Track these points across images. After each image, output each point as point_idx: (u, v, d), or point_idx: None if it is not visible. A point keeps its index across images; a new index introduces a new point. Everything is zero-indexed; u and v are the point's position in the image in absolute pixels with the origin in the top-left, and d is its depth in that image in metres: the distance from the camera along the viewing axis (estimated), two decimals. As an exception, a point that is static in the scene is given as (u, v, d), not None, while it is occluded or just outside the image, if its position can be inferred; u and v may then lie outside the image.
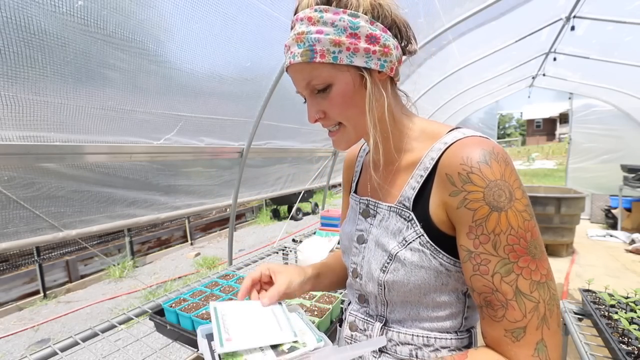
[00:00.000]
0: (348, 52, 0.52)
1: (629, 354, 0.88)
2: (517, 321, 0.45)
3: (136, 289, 4.70)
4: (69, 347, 1.07)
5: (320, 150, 3.39)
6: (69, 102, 1.25)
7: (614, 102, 5.54)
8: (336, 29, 0.51)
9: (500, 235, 0.45)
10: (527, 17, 3.25)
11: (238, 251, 6.10)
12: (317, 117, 0.59)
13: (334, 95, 0.55)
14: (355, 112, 0.57)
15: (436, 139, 0.57)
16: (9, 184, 1.22)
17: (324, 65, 0.53)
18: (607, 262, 4.16)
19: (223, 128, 2.05)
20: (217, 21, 1.53)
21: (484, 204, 0.46)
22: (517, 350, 0.45)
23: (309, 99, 0.59)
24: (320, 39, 0.51)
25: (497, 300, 0.46)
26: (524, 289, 0.45)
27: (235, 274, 1.49)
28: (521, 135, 35.52)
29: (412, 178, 0.58)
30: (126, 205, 1.69)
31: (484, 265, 0.46)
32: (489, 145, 0.49)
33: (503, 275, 0.45)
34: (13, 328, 3.82)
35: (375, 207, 0.64)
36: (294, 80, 0.59)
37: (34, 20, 1.02)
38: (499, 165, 0.47)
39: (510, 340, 0.45)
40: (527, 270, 0.45)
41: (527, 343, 0.44)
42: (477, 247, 0.47)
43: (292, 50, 0.54)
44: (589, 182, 6.17)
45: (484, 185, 0.46)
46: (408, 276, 0.54)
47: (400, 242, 0.56)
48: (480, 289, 0.48)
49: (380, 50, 0.53)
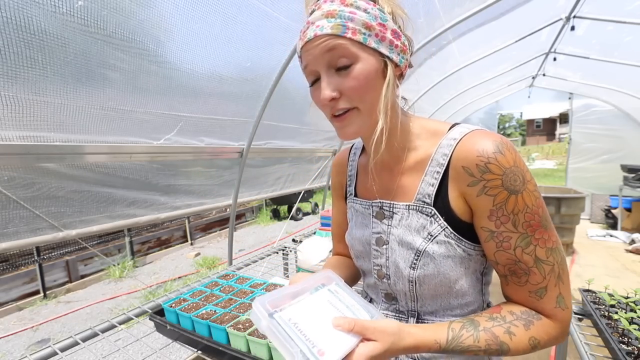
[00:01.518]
0: (377, 38, 0.54)
1: (629, 354, 0.88)
2: (539, 283, 0.53)
3: (136, 289, 4.70)
4: (69, 347, 1.07)
5: (320, 150, 3.39)
6: (69, 102, 1.25)
7: (614, 102, 5.54)
8: (368, 14, 0.54)
9: (518, 215, 0.52)
10: (527, 17, 3.24)
11: (238, 251, 6.10)
12: (333, 95, 0.55)
13: (357, 74, 0.54)
14: (373, 96, 0.56)
15: (440, 135, 0.61)
16: (9, 184, 1.22)
17: (353, 42, 0.53)
18: (607, 262, 4.16)
19: (223, 128, 2.05)
20: (217, 21, 1.53)
21: (502, 189, 0.52)
22: (542, 305, 0.54)
23: (326, 76, 0.56)
24: (354, 19, 0.53)
25: (520, 269, 0.54)
26: (541, 256, 0.52)
27: (235, 274, 1.49)
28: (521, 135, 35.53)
29: (426, 175, 0.60)
30: (126, 205, 1.69)
31: (507, 242, 0.53)
32: (497, 136, 0.54)
33: (523, 248, 0.53)
34: (13, 328, 3.82)
35: (391, 207, 0.64)
36: (311, 54, 0.55)
37: (34, 20, 1.02)
38: (511, 154, 0.52)
39: (534, 299, 0.54)
40: (542, 240, 0.52)
41: (549, 298, 0.53)
42: (499, 227, 0.53)
43: (319, 24, 0.53)
44: (589, 182, 6.17)
45: (501, 173, 0.52)
46: (437, 268, 0.58)
47: (426, 238, 0.58)
48: (505, 262, 0.55)
49: (400, 47, 0.57)
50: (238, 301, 1.19)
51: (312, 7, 0.57)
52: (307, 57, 0.56)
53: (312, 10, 0.57)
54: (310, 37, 0.54)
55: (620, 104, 5.42)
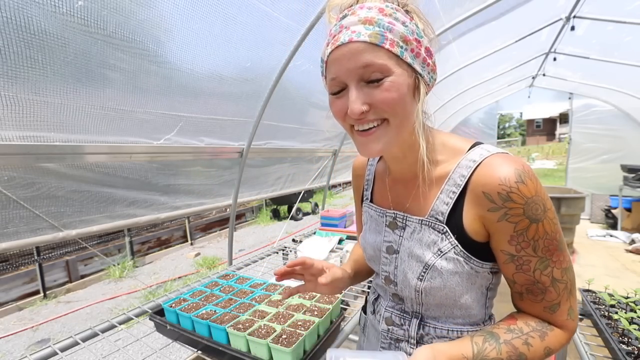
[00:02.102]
0: (412, 53, 0.53)
1: (629, 354, 0.88)
2: (553, 300, 0.56)
3: (136, 289, 4.70)
4: (69, 347, 1.07)
5: (320, 150, 3.38)
6: (69, 102, 1.25)
7: (614, 102, 5.53)
8: (406, 28, 0.52)
9: (538, 241, 0.54)
10: (527, 17, 3.24)
11: (238, 251, 6.10)
12: (363, 109, 0.52)
13: (389, 86, 0.52)
14: (404, 112, 0.54)
15: (459, 154, 0.61)
16: (9, 184, 1.22)
17: (390, 54, 0.51)
18: (607, 262, 4.16)
19: (223, 128, 2.05)
20: (217, 21, 1.53)
21: (524, 218, 0.53)
22: (555, 318, 0.57)
23: (354, 88, 0.53)
24: (393, 29, 0.51)
25: (537, 289, 0.56)
26: (557, 277, 0.55)
27: (235, 274, 1.49)
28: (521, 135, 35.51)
29: (442, 193, 0.60)
30: (126, 205, 1.69)
31: (526, 265, 0.55)
32: (519, 163, 0.54)
33: (542, 270, 0.55)
34: (13, 328, 3.82)
35: (404, 220, 0.65)
36: (342, 61, 0.52)
37: (34, 20, 1.02)
38: (532, 183, 0.53)
39: (548, 313, 0.57)
40: (558, 262, 0.55)
41: (562, 312, 0.57)
42: (519, 251, 0.55)
43: (355, 30, 0.51)
44: (589, 182, 6.16)
45: (523, 203, 0.52)
46: (444, 282, 0.59)
47: (436, 253, 0.59)
48: (523, 282, 0.57)
49: (431, 66, 0.57)
50: (238, 301, 1.19)
51: (344, 12, 0.54)
52: (337, 65, 0.53)
53: (344, 15, 0.54)
54: (344, 40, 0.51)
55: (620, 104, 5.41)
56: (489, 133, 7.67)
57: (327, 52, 0.55)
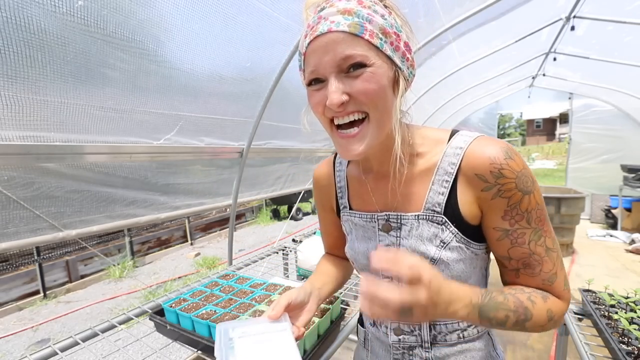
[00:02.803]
0: (391, 46, 0.52)
1: (629, 354, 0.88)
2: (551, 270, 0.57)
3: (136, 289, 4.70)
4: (69, 347, 1.07)
5: (320, 150, 3.38)
6: (69, 102, 1.24)
7: (614, 102, 5.54)
8: (385, 21, 0.52)
9: (531, 212, 0.55)
10: (527, 17, 3.24)
11: (238, 251, 6.10)
12: (342, 99, 0.51)
13: (369, 77, 0.51)
14: (383, 105, 0.53)
15: (441, 143, 0.61)
16: (9, 184, 1.22)
17: (369, 45, 0.50)
18: (607, 262, 4.16)
19: (223, 128, 2.05)
20: (217, 21, 1.53)
21: (516, 191, 0.54)
22: (554, 289, 0.58)
23: (334, 79, 0.52)
24: (372, 21, 0.50)
25: (534, 260, 0.56)
26: (550, 245, 0.57)
27: (235, 274, 1.49)
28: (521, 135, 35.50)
29: (433, 184, 0.60)
30: (126, 205, 1.69)
31: (521, 238, 0.56)
32: (501, 142, 0.57)
33: (536, 241, 0.56)
34: (13, 328, 3.82)
35: (398, 219, 0.63)
36: (322, 51, 0.51)
37: (34, 20, 1.02)
38: (519, 158, 0.55)
39: (547, 285, 0.57)
40: (548, 231, 0.57)
41: (559, 282, 0.58)
42: (513, 225, 0.56)
43: (334, 20, 0.50)
44: (589, 182, 6.17)
45: (514, 177, 0.54)
46: (451, 272, 0.60)
47: (439, 245, 0.59)
48: (519, 256, 0.57)
49: (411, 61, 0.56)
50: (238, 301, 1.19)
51: (322, 5, 0.53)
52: (315, 56, 0.52)
53: (322, 7, 0.53)
54: (323, 30, 0.50)
55: (620, 104, 5.42)
56: (489, 133, 7.67)
57: (305, 44, 0.53)
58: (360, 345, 0.82)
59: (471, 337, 0.65)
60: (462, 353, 0.65)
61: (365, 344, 0.79)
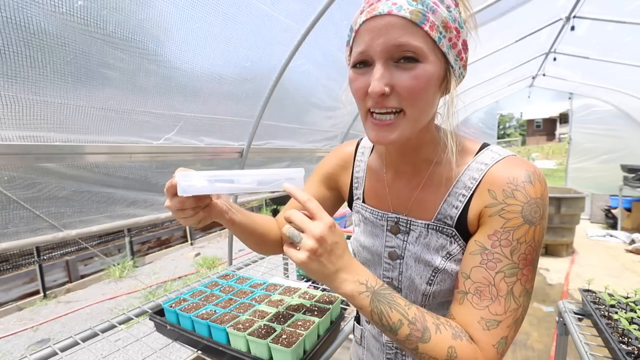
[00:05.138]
0: (449, 42, 0.49)
1: (629, 354, 0.88)
2: (497, 315, 0.50)
3: (136, 289, 4.69)
4: (69, 347, 1.07)
5: (320, 150, 3.38)
6: (69, 102, 1.25)
7: (614, 102, 5.54)
8: (450, 14, 0.48)
9: (521, 245, 0.49)
10: (527, 17, 3.25)
11: (238, 251, 6.09)
12: (385, 90, 0.47)
13: (420, 73, 0.47)
14: (426, 105, 0.51)
15: (469, 155, 0.58)
16: (9, 184, 1.22)
17: (427, 38, 0.46)
18: (607, 262, 4.16)
19: (223, 128, 2.05)
20: (217, 21, 1.53)
21: (519, 216, 0.49)
22: (484, 337, 0.50)
23: (382, 66, 0.48)
24: (436, 11, 0.46)
25: (488, 292, 0.50)
26: (516, 292, 0.50)
27: (235, 274, 1.49)
28: (521, 135, 35.52)
29: (449, 196, 0.58)
30: (126, 205, 1.69)
31: (493, 263, 0.50)
32: (531, 166, 0.52)
33: (506, 276, 0.50)
34: (13, 328, 3.82)
35: (408, 224, 0.62)
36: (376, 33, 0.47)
37: (34, 20, 1.02)
38: (541, 185, 0.50)
39: (482, 327, 0.50)
40: (525, 278, 0.50)
41: (495, 335, 0.50)
42: (495, 247, 0.51)
43: (397, 2, 0.45)
44: (589, 182, 6.17)
45: (525, 201, 0.49)
46: (453, 282, 0.58)
47: (445, 256, 0.58)
48: (478, 280, 0.51)
49: (464, 61, 0.53)
50: (238, 301, 1.19)
51: None
52: (368, 36, 0.48)
53: None
54: (383, 11, 0.46)
55: (620, 104, 5.42)
56: (489, 133, 7.67)
57: (360, 21, 0.49)
58: (357, 342, 0.82)
59: None
60: None
61: (362, 341, 0.79)
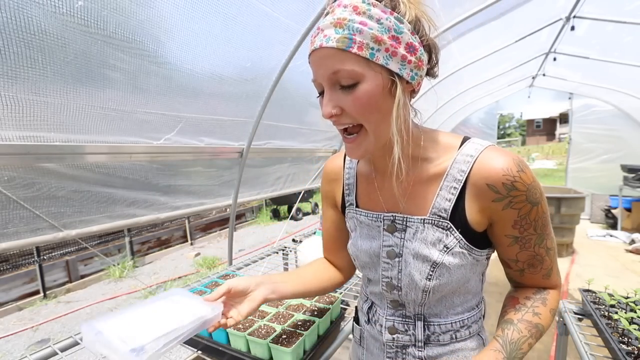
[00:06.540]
0: (387, 53, 0.51)
1: (629, 354, 0.88)
2: (548, 266, 0.63)
3: (136, 289, 4.70)
4: (69, 347, 1.07)
5: (320, 150, 3.38)
6: (69, 102, 1.25)
7: (614, 102, 5.54)
8: (381, 26, 0.50)
9: (538, 221, 0.59)
10: (527, 17, 3.25)
11: (238, 251, 6.10)
12: (333, 112, 0.55)
13: (360, 94, 0.52)
14: (378, 117, 0.55)
15: (452, 149, 0.62)
16: (9, 184, 1.22)
17: (358, 58, 0.50)
18: (607, 262, 4.16)
19: (223, 128, 2.05)
20: (217, 21, 1.53)
21: (526, 203, 0.57)
22: (550, 282, 0.65)
23: (329, 92, 0.55)
24: (363, 31, 0.49)
25: (537, 261, 0.62)
26: (549, 245, 0.62)
27: (235, 274, 1.49)
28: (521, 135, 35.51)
29: (441, 190, 0.61)
30: (126, 205, 1.69)
31: (528, 243, 0.60)
32: (512, 154, 0.58)
33: (540, 244, 0.61)
34: (13, 328, 3.82)
35: (404, 221, 0.64)
36: (317, 66, 0.54)
37: (34, 20, 1.02)
38: (529, 171, 0.57)
39: (545, 279, 0.65)
40: (549, 233, 0.61)
41: (554, 275, 0.65)
42: (523, 232, 0.59)
43: (327, 34, 0.51)
44: (589, 182, 6.17)
45: (525, 190, 0.56)
46: (452, 276, 0.61)
47: (442, 250, 0.60)
48: (526, 258, 0.62)
49: (415, 62, 0.54)
50: (238, 301, 1.19)
51: (327, 9, 0.54)
52: (315, 66, 0.55)
53: (327, 11, 0.54)
54: (317, 46, 0.52)
55: (620, 104, 5.42)
56: (489, 133, 7.67)
57: (309, 54, 0.56)
58: (356, 342, 0.82)
59: (463, 337, 0.67)
60: (454, 353, 0.67)
61: (361, 341, 0.80)
